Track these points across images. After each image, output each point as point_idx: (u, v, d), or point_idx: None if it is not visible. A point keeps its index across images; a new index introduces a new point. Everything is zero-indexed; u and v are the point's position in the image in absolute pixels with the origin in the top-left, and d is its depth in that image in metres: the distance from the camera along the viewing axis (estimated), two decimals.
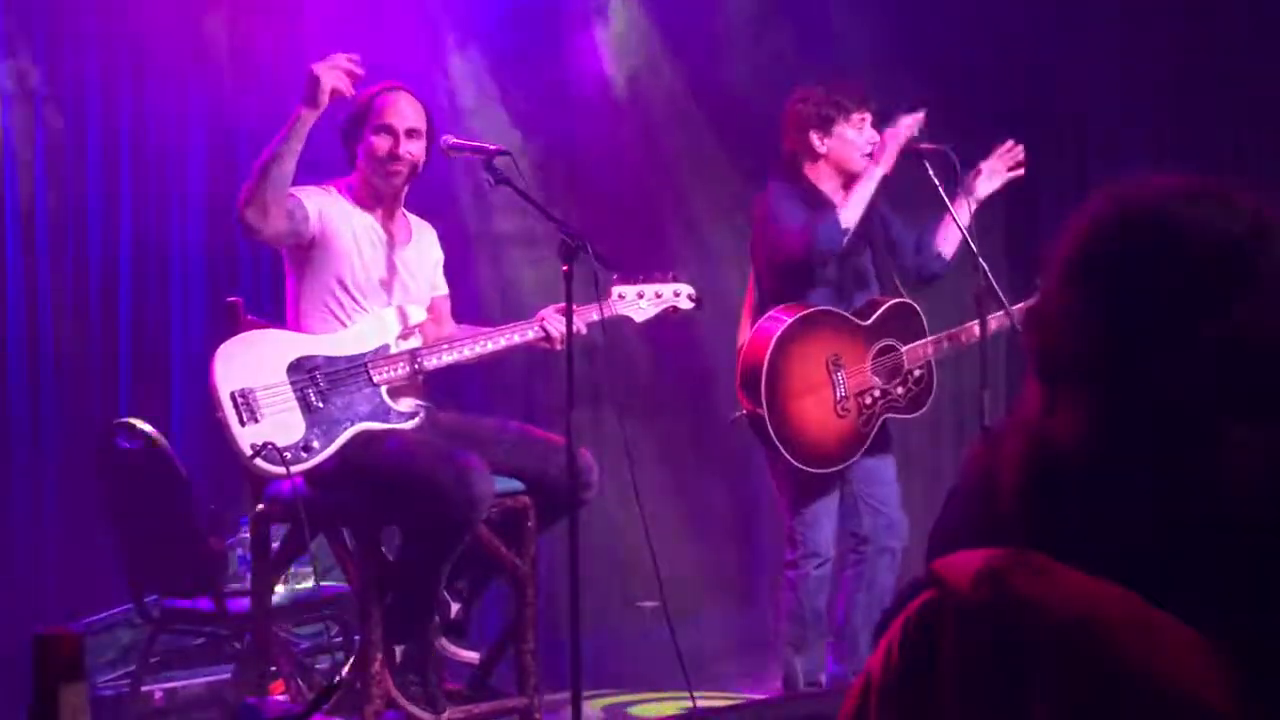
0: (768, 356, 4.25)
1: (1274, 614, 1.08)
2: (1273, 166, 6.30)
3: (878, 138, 4.39)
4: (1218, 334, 1.11)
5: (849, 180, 4.42)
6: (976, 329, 4.31)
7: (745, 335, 4.42)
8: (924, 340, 4.45)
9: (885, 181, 4.40)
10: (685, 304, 4.16)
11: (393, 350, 3.84)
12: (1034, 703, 1.06)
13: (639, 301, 4.09)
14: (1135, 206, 1.17)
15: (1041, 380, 1.18)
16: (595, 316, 3.90)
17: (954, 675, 1.10)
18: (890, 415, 4.45)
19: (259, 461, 3.61)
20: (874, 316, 4.41)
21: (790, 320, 4.29)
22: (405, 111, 3.89)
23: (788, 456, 4.28)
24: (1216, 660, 1.05)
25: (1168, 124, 6.46)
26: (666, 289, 4.13)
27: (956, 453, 6.57)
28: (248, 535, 4.12)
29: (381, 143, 3.86)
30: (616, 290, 4.06)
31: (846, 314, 4.40)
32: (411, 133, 3.87)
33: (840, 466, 4.38)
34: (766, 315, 4.37)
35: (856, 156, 4.39)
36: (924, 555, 1.26)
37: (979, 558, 1.12)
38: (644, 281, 4.11)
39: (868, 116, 4.42)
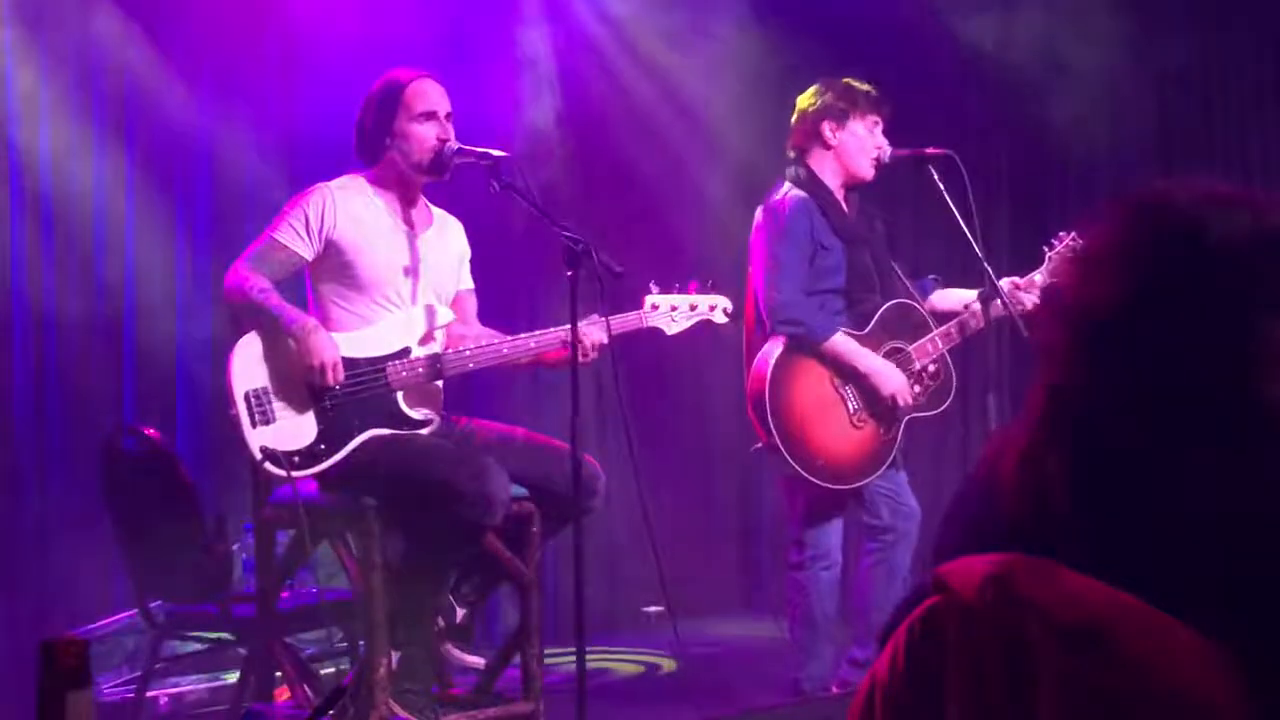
0: (767, 389, 4.22)
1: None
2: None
3: (886, 144, 4.39)
4: (1250, 345, 1.11)
5: (849, 180, 4.41)
6: (979, 314, 4.35)
7: (748, 354, 4.39)
8: (930, 335, 4.42)
9: (882, 184, 4.45)
10: (720, 318, 3.99)
11: (414, 354, 3.80)
12: (1039, 708, 1.05)
13: (672, 314, 3.91)
14: (1174, 211, 1.16)
15: (1057, 380, 1.17)
16: (610, 327, 3.74)
17: (959, 680, 1.09)
18: (913, 415, 4.41)
19: (268, 465, 3.61)
20: (870, 324, 4.38)
21: (781, 349, 4.26)
22: (440, 96, 3.83)
23: (816, 481, 4.25)
24: (1224, 666, 1.05)
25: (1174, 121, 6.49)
26: (703, 301, 3.95)
27: (961, 454, 6.55)
28: (252, 540, 4.11)
29: (428, 131, 3.78)
30: (650, 300, 3.90)
31: (840, 328, 4.36)
32: (448, 116, 3.83)
33: (873, 477, 4.34)
34: (763, 345, 4.33)
35: (863, 159, 4.39)
36: (930, 559, 1.26)
37: (984, 562, 1.11)
38: (679, 292, 3.93)
39: (880, 121, 4.42)
